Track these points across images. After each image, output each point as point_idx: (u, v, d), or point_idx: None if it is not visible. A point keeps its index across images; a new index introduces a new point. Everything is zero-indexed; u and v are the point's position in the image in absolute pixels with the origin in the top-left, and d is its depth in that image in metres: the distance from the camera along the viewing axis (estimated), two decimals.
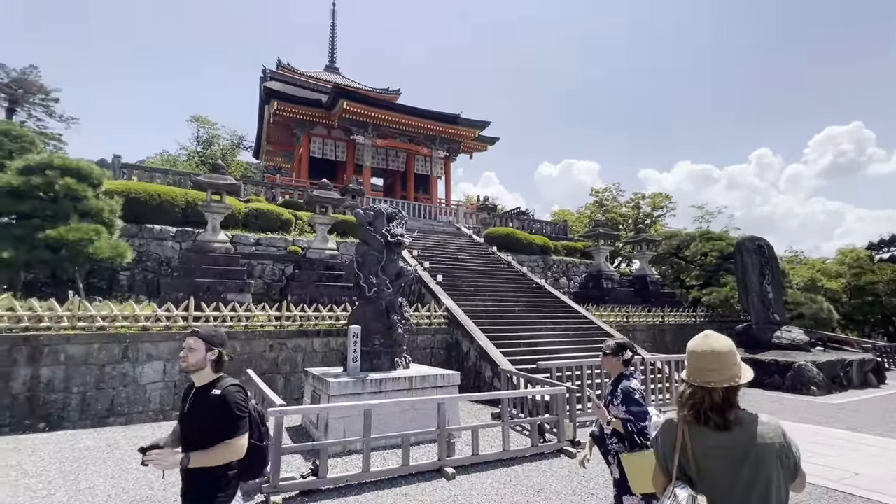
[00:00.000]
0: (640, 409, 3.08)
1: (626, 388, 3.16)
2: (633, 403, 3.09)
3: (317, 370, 8.36)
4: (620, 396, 3.15)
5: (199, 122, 28.01)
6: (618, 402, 3.16)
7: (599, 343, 13.43)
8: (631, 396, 3.11)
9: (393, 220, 8.76)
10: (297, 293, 12.26)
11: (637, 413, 3.06)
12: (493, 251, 20.02)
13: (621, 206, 37.13)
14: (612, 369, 3.37)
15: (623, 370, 3.31)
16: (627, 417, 3.06)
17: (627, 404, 3.09)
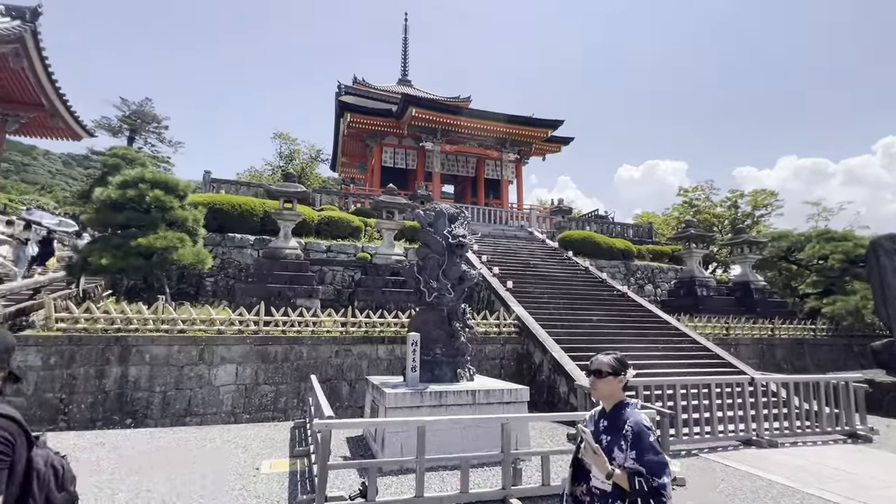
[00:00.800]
0: (657, 458, 2.13)
1: (637, 424, 2.21)
2: (649, 450, 2.15)
3: (376, 378, 7.98)
4: (630, 437, 2.19)
5: (282, 139, 30.02)
6: (626, 446, 2.20)
7: (694, 358, 11.76)
8: (645, 438, 2.17)
9: (455, 221, 8.20)
10: (362, 299, 12.15)
11: (654, 464, 2.11)
12: (567, 256, 18.74)
13: (715, 206, 33.43)
14: (608, 394, 2.40)
15: (623, 397, 2.39)
16: (638, 469, 2.13)
17: (641, 450, 2.15)
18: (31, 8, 18.65)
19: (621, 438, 2.22)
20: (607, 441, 2.29)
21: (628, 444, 2.19)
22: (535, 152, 28.63)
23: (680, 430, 7.64)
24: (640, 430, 2.18)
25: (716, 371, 10.93)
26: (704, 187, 33.81)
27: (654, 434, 2.22)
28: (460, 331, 7.50)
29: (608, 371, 2.37)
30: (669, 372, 10.54)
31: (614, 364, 2.39)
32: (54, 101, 20.72)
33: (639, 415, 2.27)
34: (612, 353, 2.48)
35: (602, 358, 2.43)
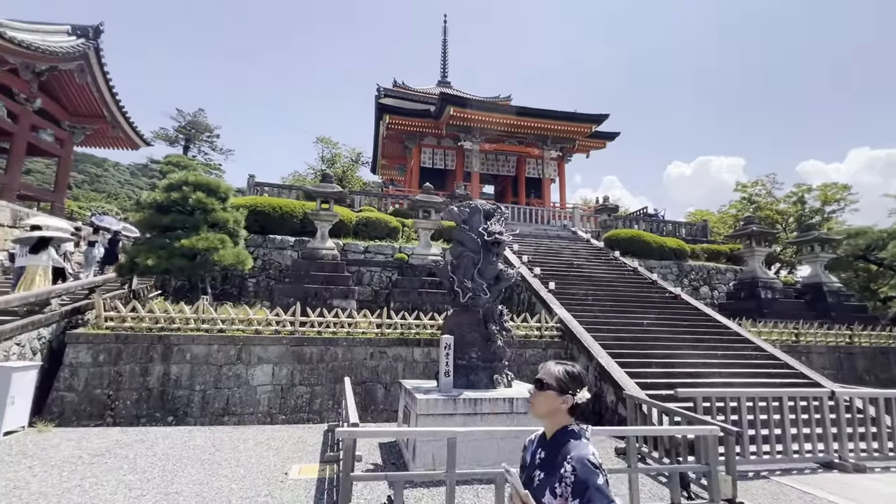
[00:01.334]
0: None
1: (581, 462, 1.63)
2: (597, 494, 1.58)
3: (409, 382, 7.65)
4: (570, 478, 1.63)
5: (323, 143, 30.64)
6: (562, 489, 1.64)
7: (759, 367, 10.64)
8: (591, 479, 1.60)
9: (491, 218, 7.75)
10: (398, 300, 11.90)
11: None
12: (614, 256, 17.75)
13: (778, 203, 30.91)
14: (546, 414, 1.84)
15: (568, 421, 1.81)
16: None
17: (582, 495, 1.59)
18: (94, 26, 19.93)
19: (557, 479, 1.66)
20: (540, 479, 1.76)
21: (566, 489, 1.63)
22: (579, 149, 27.57)
23: (746, 448, 6.79)
24: (583, 471, 1.60)
25: (785, 382, 9.82)
26: (765, 182, 31.39)
27: (602, 475, 1.63)
28: (496, 334, 7.03)
29: (550, 384, 1.80)
30: (731, 382, 9.57)
31: (562, 377, 1.81)
32: (115, 113, 22.06)
33: (585, 448, 1.69)
34: (567, 364, 1.88)
35: (550, 366, 1.87)
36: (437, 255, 13.07)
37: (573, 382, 1.81)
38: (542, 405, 1.82)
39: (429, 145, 27.59)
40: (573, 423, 1.80)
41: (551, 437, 1.81)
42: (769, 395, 7.30)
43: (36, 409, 8.43)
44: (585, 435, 1.77)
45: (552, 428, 1.82)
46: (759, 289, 15.48)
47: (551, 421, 1.82)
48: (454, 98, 22.09)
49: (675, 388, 9.22)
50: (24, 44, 16.22)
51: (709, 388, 8.22)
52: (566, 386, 1.80)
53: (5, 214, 16.19)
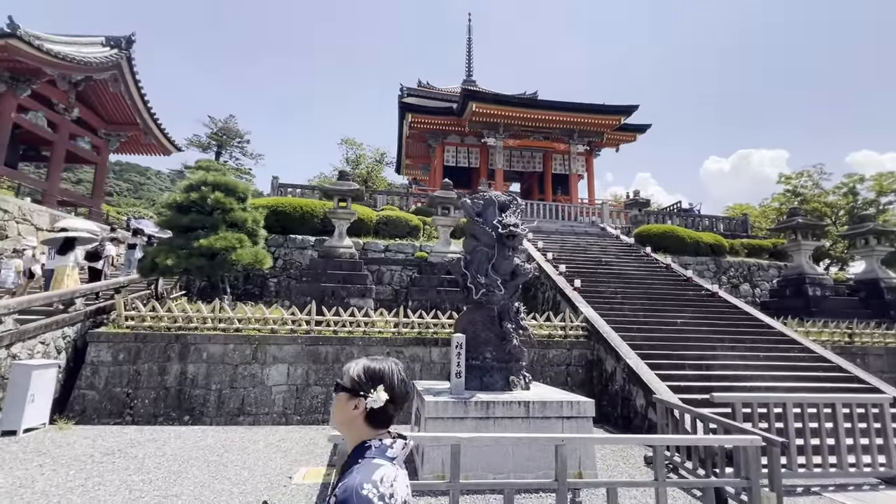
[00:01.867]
0: None
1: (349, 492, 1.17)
2: None
3: (422, 384, 7.32)
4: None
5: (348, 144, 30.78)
6: None
7: (807, 370, 9.72)
8: None
9: (506, 210, 7.32)
10: (416, 299, 11.60)
11: None
12: (645, 252, 16.88)
13: (826, 194, 28.85)
14: (341, 423, 1.41)
15: (368, 434, 1.36)
16: None
17: None
18: (126, 37, 20.62)
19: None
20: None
21: None
22: (607, 143, 26.59)
23: (794, 460, 6.08)
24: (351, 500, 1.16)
25: (839, 388, 8.91)
26: (812, 172, 29.39)
27: None
28: (512, 332, 6.58)
29: (343, 384, 1.39)
30: (774, 387, 8.76)
31: (355, 376, 1.37)
32: (147, 120, 22.79)
33: (365, 473, 1.22)
34: (372, 359, 1.43)
35: (351, 363, 1.44)
36: (457, 253, 12.67)
37: (370, 381, 1.36)
38: (335, 412, 1.41)
39: (452, 143, 27.26)
40: (377, 437, 1.35)
41: (349, 454, 1.37)
42: (820, 400, 6.55)
43: (60, 406, 8.59)
44: (386, 454, 1.30)
45: (351, 444, 1.38)
46: (806, 285, 14.31)
47: (349, 434, 1.39)
48: (476, 94, 21.68)
49: (712, 391, 8.52)
50: (61, 55, 16.90)
51: (749, 393, 7.50)
52: (358, 386, 1.36)
53: (44, 219, 16.90)
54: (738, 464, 4.95)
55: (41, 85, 17.84)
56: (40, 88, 18.01)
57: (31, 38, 15.88)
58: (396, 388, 1.38)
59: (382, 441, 1.34)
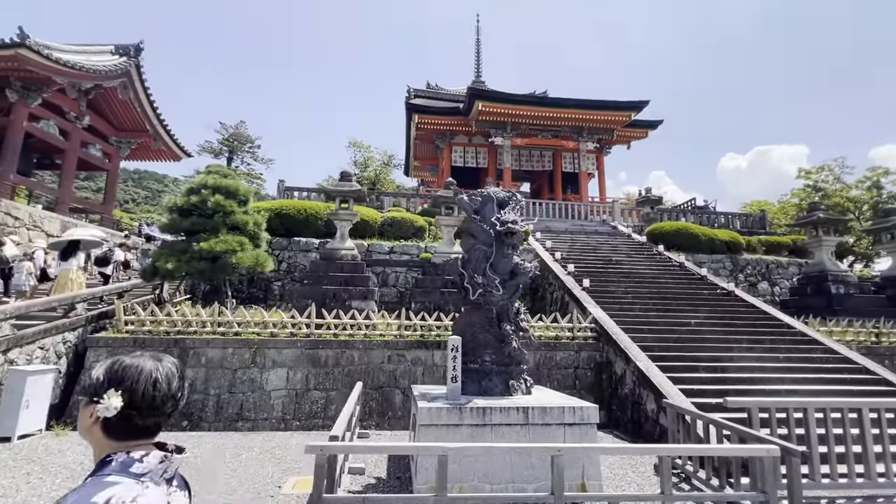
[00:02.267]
0: None
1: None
2: None
3: (420, 388, 7.05)
4: None
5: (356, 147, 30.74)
6: None
7: (831, 372, 9.19)
8: None
9: (505, 206, 7.02)
10: (419, 300, 11.35)
11: None
12: (658, 251, 16.37)
13: (849, 189, 27.84)
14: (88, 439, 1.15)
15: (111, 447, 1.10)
16: None
17: None
18: (135, 45, 20.86)
19: None
20: None
21: None
22: (618, 140, 26.06)
23: (817, 469, 5.65)
24: None
25: (865, 391, 8.39)
26: (833, 167, 28.41)
27: None
28: (511, 334, 6.27)
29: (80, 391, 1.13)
30: (795, 390, 8.27)
31: (94, 377, 1.13)
32: (157, 127, 23.02)
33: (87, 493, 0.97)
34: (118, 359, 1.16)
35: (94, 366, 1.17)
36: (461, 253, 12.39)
37: (106, 384, 1.11)
38: (79, 422, 1.17)
39: (460, 144, 27.01)
40: (123, 449, 1.10)
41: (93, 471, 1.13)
42: (844, 405, 6.10)
43: (59, 412, 8.54)
44: (130, 469, 1.06)
45: (95, 458, 1.14)
46: (828, 283, 13.67)
47: (91, 445, 1.15)
48: (482, 92, 21.40)
49: (727, 395, 8.09)
50: (69, 64, 17.12)
51: (767, 398, 7.07)
52: (95, 390, 1.11)
53: (55, 225, 17.12)
54: (754, 475, 4.57)
55: (52, 94, 18.11)
56: (51, 97, 18.28)
57: (40, 47, 16.11)
58: (143, 392, 1.11)
59: (129, 454, 1.09)
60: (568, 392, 10.08)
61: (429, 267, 12.30)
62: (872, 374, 9.04)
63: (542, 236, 17.30)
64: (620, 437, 8.44)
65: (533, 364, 10.20)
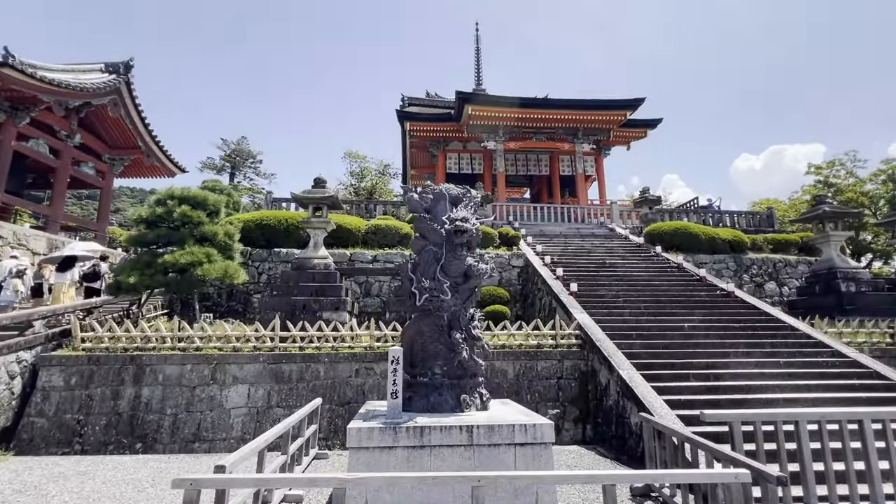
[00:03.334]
0: None
1: None
2: None
3: (372, 404, 6.51)
4: None
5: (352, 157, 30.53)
6: None
7: (839, 378, 8.32)
8: None
9: (459, 203, 6.48)
10: (395, 310, 10.81)
11: None
12: (655, 252, 15.60)
13: (863, 184, 26.60)
14: None
15: None
16: None
17: None
18: (125, 62, 20.95)
19: None
20: None
21: None
22: (616, 141, 25.38)
23: (811, 491, 4.89)
24: None
25: (875, 398, 7.56)
26: (844, 161, 27.22)
27: None
28: (461, 343, 5.67)
29: None
30: (796, 399, 7.48)
31: None
32: (149, 143, 23.02)
33: None
34: None
35: None
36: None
37: None
38: None
39: (454, 150, 26.61)
40: None
41: None
42: (843, 416, 5.34)
43: (8, 435, 8.15)
44: None
45: None
46: (837, 280, 12.73)
47: None
48: (471, 96, 20.97)
49: (719, 406, 7.35)
50: (55, 82, 17.15)
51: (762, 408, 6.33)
52: None
53: (41, 243, 17.01)
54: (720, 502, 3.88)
55: (40, 112, 18.17)
56: (40, 116, 18.35)
57: (24, 66, 16.15)
58: None
59: None
60: (550, 405, 9.40)
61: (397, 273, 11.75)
62: (885, 379, 8.18)
63: (533, 240, 16.66)
64: (603, 455, 7.71)
65: (512, 375, 9.55)
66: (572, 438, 8.87)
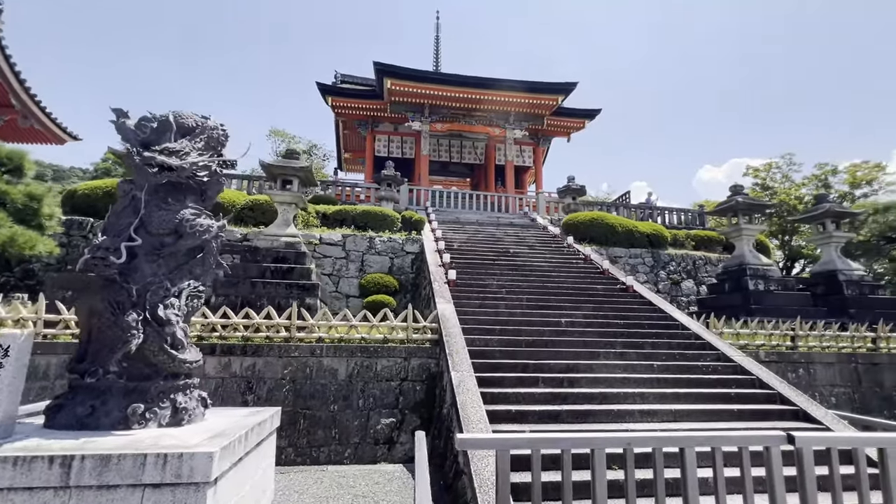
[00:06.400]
0: None
1: None
2: None
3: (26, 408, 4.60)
4: None
5: (278, 136, 28.12)
6: None
7: (712, 387, 6.86)
8: None
9: (191, 135, 4.69)
10: (223, 294, 8.91)
11: None
12: (568, 243, 14.26)
13: (798, 187, 26.40)
14: None
15: None
16: None
17: None
18: None
19: None
20: None
21: None
22: (552, 130, 24.16)
23: None
24: None
25: (747, 411, 6.25)
26: (780, 164, 26.97)
27: None
28: (134, 328, 3.87)
29: None
30: (654, 410, 6.07)
31: None
32: (26, 102, 20.03)
33: None
34: None
35: None
36: (295, 237, 10.03)
37: None
38: None
39: (384, 132, 24.77)
40: None
41: None
42: (687, 443, 3.85)
43: None
44: None
45: None
46: (746, 278, 11.68)
47: None
48: (389, 67, 19.15)
49: (559, 418, 5.89)
50: None
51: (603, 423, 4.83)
52: None
53: None
54: None
55: None
56: None
57: None
58: None
59: None
60: (386, 413, 7.73)
61: (247, 253, 9.87)
62: (766, 389, 6.90)
63: (439, 226, 15.05)
64: None
65: (344, 376, 7.82)
66: (405, 455, 7.22)
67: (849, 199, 25.11)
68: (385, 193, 16.75)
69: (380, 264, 13.29)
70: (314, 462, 7.09)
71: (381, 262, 13.33)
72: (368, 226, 14.40)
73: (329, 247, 13.21)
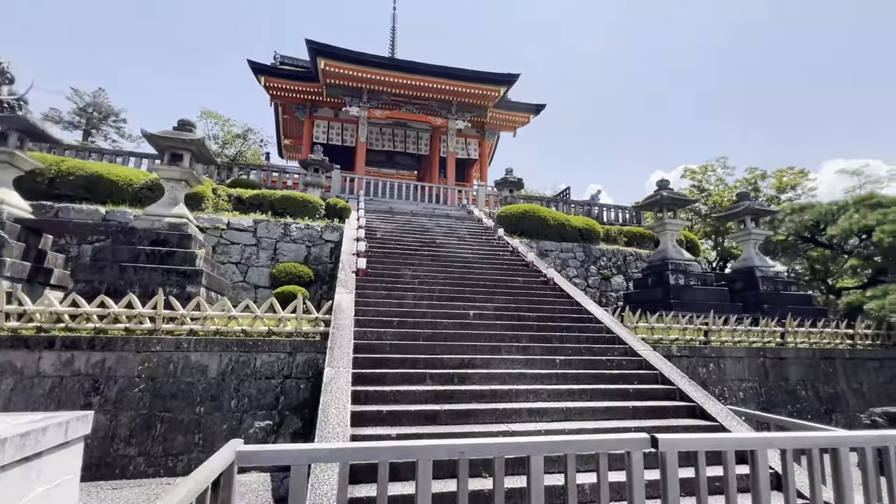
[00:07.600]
0: None
1: None
2: None
3: None
4: None
5: (210, 117, 26.20)
6: None
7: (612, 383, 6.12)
8: None
9: None
10: (85, 280, 7.73)
11: None
12: (498, 236, 13.81)
13: (732, 189, 27.41)
14: None
15: None
16: None
17: None
18: None
19: None
20: None
21: None
22: (497, 123, 23.80)
23: None
24: None
25: (643, 408, 5.88)
26: (715, 166, 27.92)
27: None
28: None
29: None
30: (546, 409, 5.57)
31: None
32: None
33: None
34: None
35: None
36: (181, 219, 8.92)
37: None
38: None
39: (323, 118, 23.58)
40: None
41: None
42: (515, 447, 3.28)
43: None
44: None
45: None
46: (668, 273, 11.63)
47: None
48: (323, 47, 18.05)
49: (438, 417, 5.27)
50: None
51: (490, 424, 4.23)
52: None
53: None
54: None
55: None
56: None
57: None
58: None
59: None
60: (263, 414, 6.88)
61: (119, 234, 8.69)
62: (667, 384, 6.59)
63: (366, 215, 14.23)
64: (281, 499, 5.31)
65: (216, 373, 6.89)
66: None
67: (775, 202, 26.28)
68: (311, 179, 15.70)
69: (295, 253, 12.31)
70: (169, 473, 6.15)
71: (296, 250, 12.36)
72: (288, 212, 13.37)
73: (238, 232, 12.10)
